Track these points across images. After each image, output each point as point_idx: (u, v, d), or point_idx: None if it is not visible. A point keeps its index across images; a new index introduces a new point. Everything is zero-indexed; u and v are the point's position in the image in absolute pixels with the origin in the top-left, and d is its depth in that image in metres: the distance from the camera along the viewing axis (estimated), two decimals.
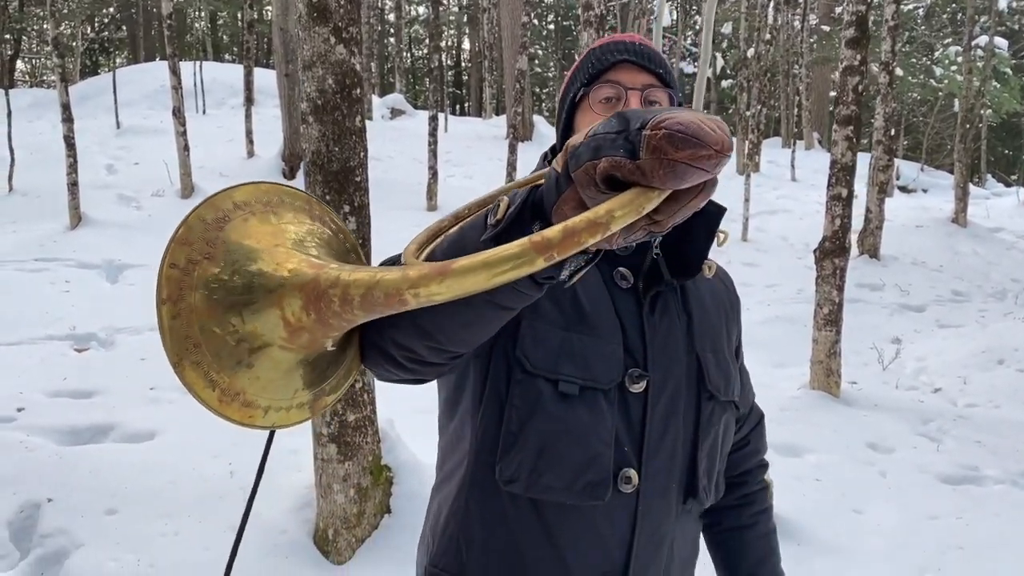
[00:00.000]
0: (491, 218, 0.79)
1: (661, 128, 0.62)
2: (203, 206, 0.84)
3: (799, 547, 3.70)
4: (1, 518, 3.63)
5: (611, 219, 0.61)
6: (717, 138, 0.62)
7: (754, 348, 7.08)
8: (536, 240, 0.61)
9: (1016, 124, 25.82)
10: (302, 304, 0.77)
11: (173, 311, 0.78)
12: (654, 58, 1.27)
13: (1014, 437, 5.14)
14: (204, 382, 0.78)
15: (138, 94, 17.04)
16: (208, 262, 0.81)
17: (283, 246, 0.84)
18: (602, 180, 0.65)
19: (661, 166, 0.61)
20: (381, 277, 0.70)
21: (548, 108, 36.68)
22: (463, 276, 0.63)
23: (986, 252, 11.38)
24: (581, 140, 0.68)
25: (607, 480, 1.14)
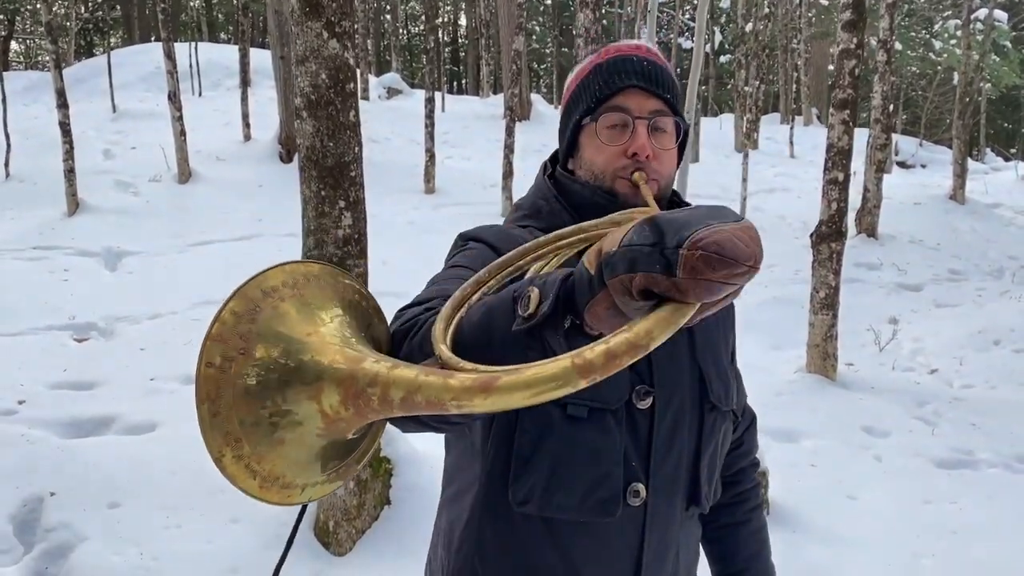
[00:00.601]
0: (522, 308, 0.79)
1: (698, 249, 0.63)
2: (234, 299, 0.84)
3: (794, 534, 3.75)
4: (5, 512, 3.67)
5: (651, 340, 0.64)
6: (751, 253, 0.64)
7: (751, 331, 7.11)
8: (579, 363, 0.64)
9: (1016, 97, 25.71)
10: (340, 399, 0.79)
11: (213, 409, 0.80)
12: (662, 81, 1.25)
13: (1009, 419, 5.18)
14: (245, 473, 0.81)
15: (134, 76, 16.94)
16: (244, 358, 0.82)
17: (315, 334, 0.85)
18: (637, 292, 0.67)
19: (698, 285, 0.63)
20: (423, 382, 0.71)
21: (546, 84, 36.49)
22: (506, 393, 0.65)
23: (984, 229, 11.38)
24: (615, 248, 0.69)
25: (617, 496, 1.18)
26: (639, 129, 1.22)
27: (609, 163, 1.24)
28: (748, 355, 6.48)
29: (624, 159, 1.23)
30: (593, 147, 1.26)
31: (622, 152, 1.23)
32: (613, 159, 1.24)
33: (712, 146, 16.81)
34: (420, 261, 7.99)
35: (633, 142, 1.22)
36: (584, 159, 1.28)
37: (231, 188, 9.91)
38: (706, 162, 14.82)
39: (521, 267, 1.00)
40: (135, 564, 3.41)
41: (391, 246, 7.75)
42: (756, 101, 16.86)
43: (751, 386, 5.24)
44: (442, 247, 5.81)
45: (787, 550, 3.63)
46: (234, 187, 9.95)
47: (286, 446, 0.82)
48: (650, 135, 1.23)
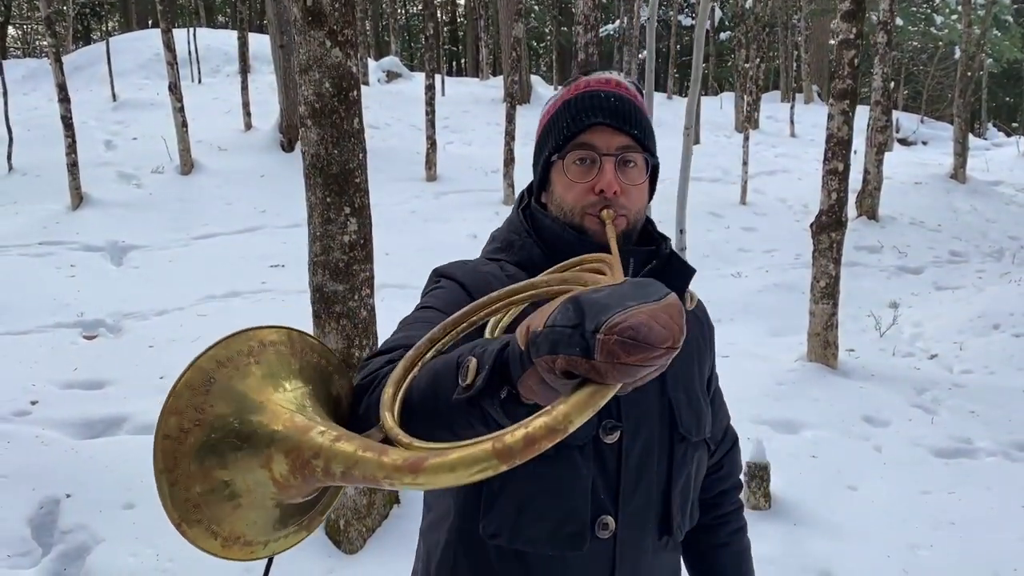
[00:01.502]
0: (462, 379, 0.82)
1: (614, 334, 0.65)
2: (190, 371, 0.87)
3: (795, 526, 3.82)
4: (23, 515, 3.75)
5: (569, 423, 0.66)
6: (667, 335, 0.65)
7: (752, 317, 7.19)
8: (499, 448, 0.67)
9: (1018, 71, 25.56)
10: (289, 469, 0.83)
11: (171, 479, 0.84)
12: (630, 117, 1.27)
13: (1007, 406, 5.24)
14: (206, 535, 0.84)
15: (132, 63, 16.90)
16: (199, 429, 0.85)
17: (269, 401, 0.89)
18: (560, 372, 0.69)
19: (614, 368, 0.65)
20: (360, 457, 0.75)
21: (545, 63, 36.29)
22: (432, 475, 0.69)
23: (985, 208, 11.39)
24: (540, 329, 0.71)
25: (584, 530, 1.21)
26: (606, 166, 1.24)
27: (577, 200, 1.26)
28: (749, 342, 6.58)
29: (592, 195, 1.24)
30: (562, 184, 1.28)
31: (589, 189, 1.25)
32: (581, 196, 1.25)
33: (713, 126, 16.78)
34: (423, 252, 8.08)
35: (600, 179, 1.24)
36: (555, 195, 1.30)
37: (233, 179, 9.93)
38: (706, 143, 14.80)
39: (475, 323, 1.02)
40: (151, 565, 3.49)
41: (394, 236, 7.80)
42: (756, 80, 16.80)
43: (752, 375, 5.34)
44: (445, 236, 6.01)
45: (788, 542, 3.72)
46: (236, 177, 9.98)
47: (243, 510, 0.86)
48: (617, 171, 1.25)
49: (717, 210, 10.35)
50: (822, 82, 22.44)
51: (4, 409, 4.57)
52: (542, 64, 36.53)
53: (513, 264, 1.30)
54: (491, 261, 1.32)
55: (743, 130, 11.88)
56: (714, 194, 11.03)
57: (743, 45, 16.61)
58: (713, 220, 10.00)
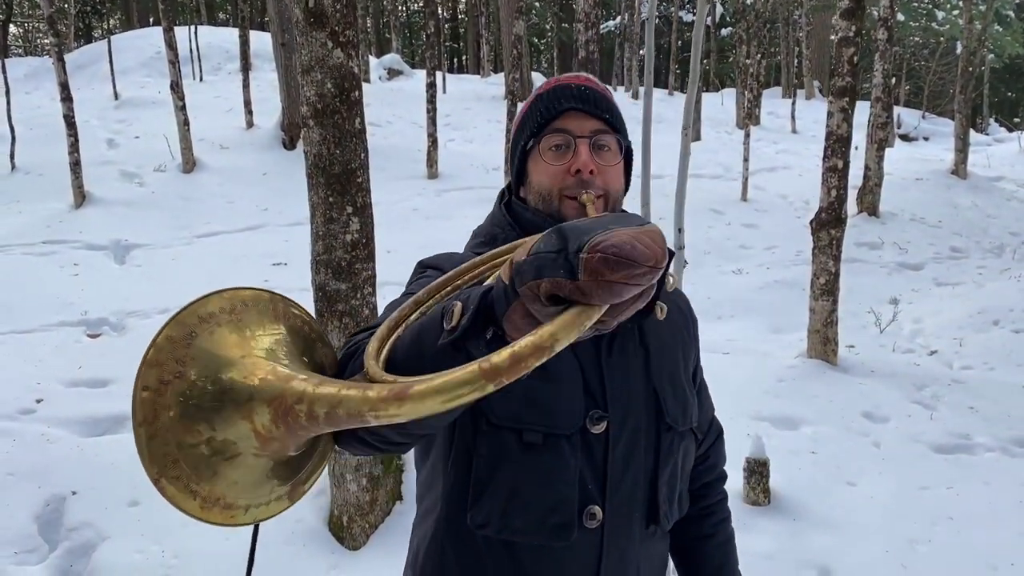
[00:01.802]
0: (446, 322, 0.82)
1: (597, 251, 0.66)
2: (170, 324, 0.87)
3: (795, 522, 3.85)
4: (29, 512, 3.79)
5: (555, 342, 0.66)
6: (650, 254, 0.67)
7: (753, 314, 7.22)
8: (485, 367, 0.66)
9: (1019, 67, 25.54)
10: (271, 418, 0.82)
11: (150, 432, 0.82)
12: (600, 103, 1.31)
13: (1006, 402, 5.27)
14: (185, 494, 0.83)
15: (134, 61, 16.94)
16: (179, 381, 0.84)
17: (249, 356, 0.88)
18: (545, 297, 0.70)
19: (599, 287, 0.66)
20: (343, 395, 0.75)
21: (546, 60, 36.28)
22: (419, 400, 0.68)
23: (985, 204, 11.40)
24: (524, 257, 0.73)
25: (572, 520, 1.23)
26: (580, 147, 1.27)
27: (555, 182, 1.29)
28: (750, 339, 6.60)
29: (569, 177, 1.28)
30: (539, 169, 1.31)
31: (566, 170, 1.28)
32: (558, 178, 1.29)
33: (714, 123, 16.79)
34: (425, 249, 8.07)
35: (576, 160, 1.27)
36: (532, 183, 1.33)
37: (235, 177, 9.96)
38: (707, 140, 14.82)
39: (459, 286, 1.04)
40: (157, 562, 3.53)
41: (396, 234, 7.82)
42: (757, 76, 16.81)
43: (752, 371, 5.37)
44: (447, 234, 6.06)
45: (788, 538, 3.75)
46: (238, 176, 10.01)
47: (224, 467, 0.85)
48: (592, 153, 1.28)
49: (718, 207, 10.37)
50: (823, 78, 22.43)
51: (10, 408, 4.61)
52: (543, 60, 36.52)
53: None
54: (476, 255, 1.36)
55: (744, 127, 11.90)
56: (715, 191, 11.05)
57: (744, 41, 16.61)
58: (714, 217, 10.02)
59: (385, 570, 3.54)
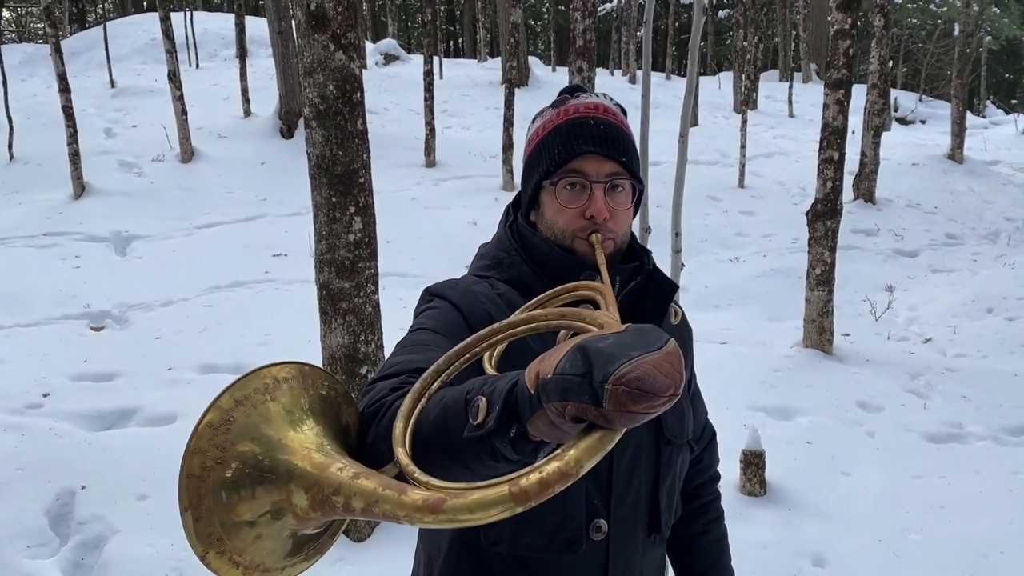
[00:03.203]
0: (472, 417, 0.87)
1: (621, 384, 0.71)
2: (210, 411, 0.92)
3: (790, 512, 3.93)
4: (40, 507, 3.85)
5: (580, 468, 0.73)
6: (670, 384, 0.72)
7: (749, 303, 7.28)
8: (515, 492, 0.72)
9: (1017, 48, 25.50)
10: (308, 503, 0.88)
11: (196, 515, 0.88)
12: (619, 145, 1.33)
13: (999, 390, 5.35)
14: (229, 565, 0.89)
15: (129, 48, 16.89)
16: (220, 467, 0.89)
17: (286, 438, 0.94)
18: (570, 418, 0.75)
19: (622, 416, 0.72)
20: (380, 495, 0.80)
21: (543, 42, 36.13)
22: (452, 515, 0.74)
23: (981, 189, 11.46)
24: (550, 376, 0.77)
25: (580, 535, 1.30)
26: (596, 193, 1.30)
27: (568, 224, 1.32)
28: (746, 328, 6.67)
29: (582, 220, 1.31)
30: (553, 208, 1.34)
31: (580, 214, 1.31)
32: (572, 221, 1.32)
33: (711, 107, 16.80)
34: (424, 239, 8.17)
35: (591, 205, 1.30)
36: (545, 217, 1.36)
37: (234, 166, 9.99)
38: (705, 125, 14.83)
39: (476, 354, 1.07)
40: (167, 555, 3.60)
41: (395, 224, 7.87)
42: (755, 60, 16.79)
43: (749, 361, 5.44)
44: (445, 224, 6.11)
45: (783, 528, 3.83)
46: (237, 165, 10.04)
47: (263, 540, 0.91)
48: (606, 196, 1.31)
49: (715, 193, 10.41)
50: (821, 61, 22.40)
51: (17, 402, 4.67)
52: (540, 44, 36.37)
53: (503, 282, 1.36)
54: (481, 279, 1.38)
55: (741, 112, 11.92)
56: (712, 177, 11.09)
57: (741, 25, 16.59)
58: (711, 204, 10.06)
59: (389, 562, 3.62)
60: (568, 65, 7.34)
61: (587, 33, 7.62)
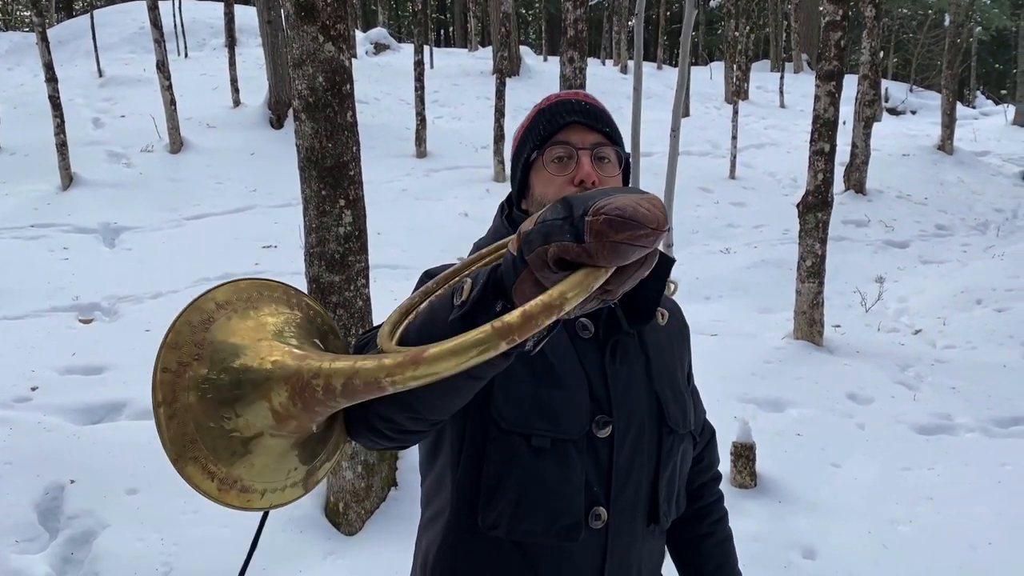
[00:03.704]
0: (456, 298, 0.86)
1: (601, 214, 0.70)
2: (188, 310, 0.90)
3: (780, 504, 3.95)
4: (28, 501, 3.83)
5: (564, 300, 0.70)
6: (652, 216, 0.71)
7: (740, 294, 7.30)
8: (498, 326, 0.69)
9: (1007, 38, 25.56)
10: (288, 395, 0.84)
11: (169, 412, 0.85)
12: (600, 117, 1.37)
13: (987, 381, 5.38)
14: (203, 475, 0.85)
15: (117, 37, 16.74)
16: (197, 363, 0.86)
17: (265, 339, 0.91)
18: (553, 262, 0.74)
19: (604, 248, 0.70)
20: (360, 366, 0.77)
21: (534, 32, 36.02)
22: (435, 363, 0.70)
23: (971, 180, 11.49)
24: (532, 226, 0.76)
25: (580, 522, 1.29)
26: (583, 159, 1.32)
27: (558, 192, 1.32)
28: (737, 319, 6.68)
29: (571, 187, 1.31)
30: (542, 180, 1.35)
31: (569, 180, 1.32)
32: (561, 188, 1.32)
33: (702, 97, 16.78)
34: (415, 231, 8.14)
35: (579, 171, 1.32)
36: (535, 194, 1.37)
37: (223, 157, 9.93)
38: (696, 115, 14.82)
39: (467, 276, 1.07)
40: (157, 549, 3.59)
41: (385, 215, 7.84)
42: (746, 50, 16.78)
43: (740, 353, 5.46)
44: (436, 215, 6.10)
45: (773, 520, 3.84)
46: (226, 155, 9.98)
47: (242, 448, 0.87)
48: (594, 164, 1.33)
49: (706, 184, 10.41)
50: (812, 51, 22.41)
51: (5, 395, 4.64)
52: (531, 33, 36.25)
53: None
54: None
55: (732, 103, 11.91)
56: (703, 168, 11.10)
57: (733, 15, 16.56)
58: (702, 195, 10.06)
59: (381, 555, 3.62)
60: (559, 55, 7.31)
61: (578, 23, 7.57)
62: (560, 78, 7.26)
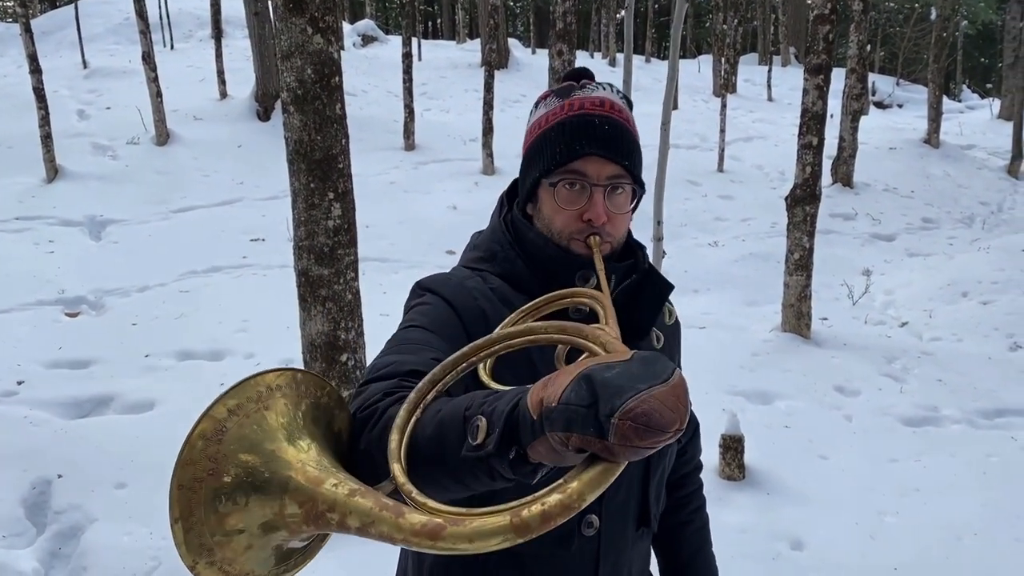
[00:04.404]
0: (471, 438, 0.85)
1: (628, 420, 0.70)
2: (203, 421, 0.90)
3: (768, 496, 3.97)
4: (15, 495, 3.81)
5: (582, 501, 0.72)
6: (676, 418, 0.71)
7: (728, 287, 7.32)
8: (516, 523, 0.71)
9: (992, 32, 25.69)
10: (302, 517, 0.86)
11: (186, 526, 0.87)
12: (622, 147, 1.30)
13: (972, 374, 5.42)
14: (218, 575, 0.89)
15: (102, 28, 16.60)
16: (212, 478, 0.88)
17: (280, 449, 0.92)
18: (573, 448, 0.74)
19: (626, 450, 0.71)
20: (377, 516, 0.78)
21: (522, 23, 35.92)
22: (451, 543, 0.73)
23: (957, 174, 11.56)
24: (554, 404, 0.75)
25: (572, 531, 1.30)
26: (596, 197, 1.27)
27: (566, 225, 1.30)
28: (725, 312, 6.70)
29: (580, 223, 1.29)
30: (551, 207, 1.31)
31: (578, 216, 1.28)
32: (570, 222, 1.29)
33: (690, 90, 16.80)
34: (404, 224, 8.13)
35: (590, 209, 1.27)
36: (543, 214, 1.33)
37: (210, 149, 9.87)
38: (684, 109, 14.83)
39: (474, 363, 1.05)
40: (145, 543, 3.57)
41: (373, 208, 7.81)
42: (734, 44, 16.81)
43: (728, 346, 5.46)
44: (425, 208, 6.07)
45: (761, 512, 3.86)
46: (213, 148, 9.92)
47: (254, 550, 0.90)
48: (606, 199, 1.28)
49: (695, 178, 10.43)
50: (799, 44, 22.46)
51: None
52: (519, 25, 36.17)
53: (496, 275, 1.33)
54: (474, 272, 1.35)
55: (720, 96, 11.93)
56: (692, 161, 11.11)
57: (720, 8, 16.57)
58: (691, 188, 10.08)
59: (372, 552, 3.60)
60: (548, 48, 7.29)
61: (567, 16, 7.57)
62: (549, 71, 7.26)
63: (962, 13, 18.96)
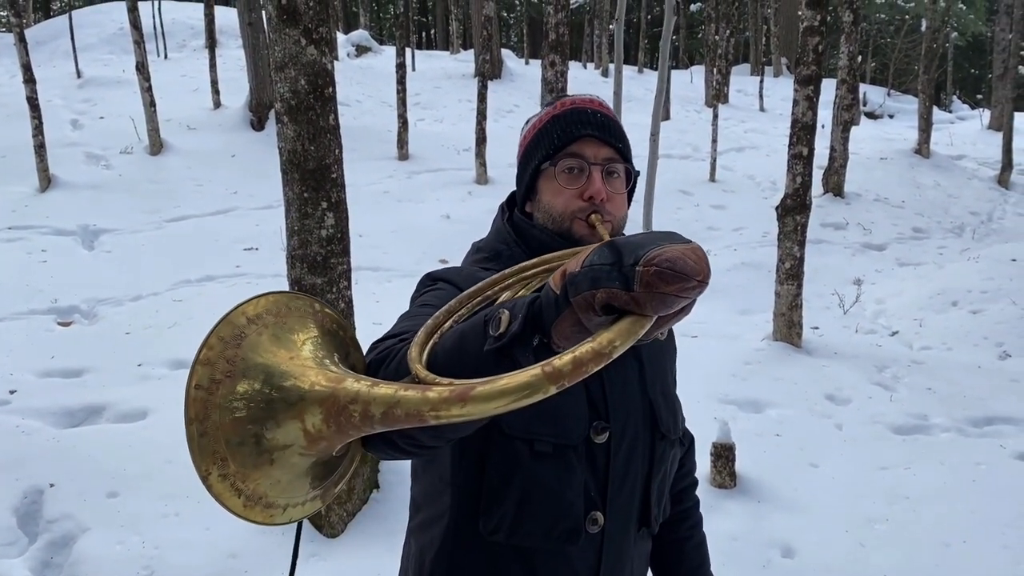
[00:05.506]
0: (492, 329, 0.85)
1: (652, 265, 0.71)
2: (221, 324, 0.89)
3: (759, 504, 3.99)
4: (7, 505, 3.80)
5: (613, 348, 0.71)
6: (699, 269, 0.72)
7: (720, 296, 7.35)
8: (548, 371, 0.70)
9: (982, 44, 25.89)
10: (323, 418, 0.83)
11: (200, 429, 0.84)
12: (614, 131, 1.38)
13: (962, 382, 5.45)
14: (230, 492, 0.85)
15: (96, 38, 16.62)
16: (230, 380, 0.86)
17: (297, 358, 0.90)
18: (600, 307, 0.75)
19: (653, 298, 0.71)
20: (402, 396, 0.76)
21: (515, 34, 36.07)
22: (483, 402, 0.70)
23: (947, 184, 11.64)
24: (578, 269, 0.77)
25: (579, 526, 1.32)
26: (594, 174, 1.33)
27: (567, 205, 1.34)
28: (718, 321, 6.74)
29: (580, 201, 1.34)
30: (551, 190, 1.36)
31: (579, 195, 1.34)
32: (571, 201, 1.34)
33: (683, 101, 16.88)
34: (397, 233, 8.15)
35: (589, 186, 1.33)
36: (542, 202, 1.38)
37: (203, 159, 9.89)
38: (677, 119, 14.92)
39: (489, 297, 1.08)
40: (137, 552, 3.57)
41: (367, 217, 7.84)
42: (726, 54, 16.91)
43: (720, 354, 5.51)
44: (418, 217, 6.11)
45: (752, 520, 3.89)
46: (206, 157, 9.93)
47: (269, 466, 0.87)
48: (604, 179, 1.35)
49: (687, 187, 10.48)
50: (791, 55, 22.60)
51: None
52: (512, 36, 36.31)
53: None
54: (482, 270, 1.37)
55: (712, 106, 12.00)
56: (684, 171, 11.17)
57: (713, 19, 16.68)
58: (683, 198, 10.13)
59: (363, 556, 3.63)
60: (541, 58, 7.34)
61: (560, 27, 7.62)
62: (542, 82, 7.30)
63: (952, 25, 19.12)
